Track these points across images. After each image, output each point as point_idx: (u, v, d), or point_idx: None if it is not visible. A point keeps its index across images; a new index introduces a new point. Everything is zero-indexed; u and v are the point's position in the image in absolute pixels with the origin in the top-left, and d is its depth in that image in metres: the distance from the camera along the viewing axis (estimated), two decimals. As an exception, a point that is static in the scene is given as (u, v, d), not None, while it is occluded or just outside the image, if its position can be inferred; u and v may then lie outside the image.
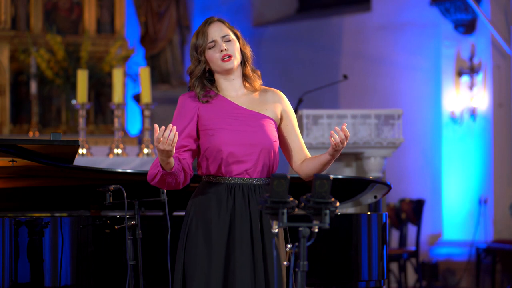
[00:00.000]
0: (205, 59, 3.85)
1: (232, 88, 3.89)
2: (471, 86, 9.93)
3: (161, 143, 3.61)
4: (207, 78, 3.89)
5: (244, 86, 3.91)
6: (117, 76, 8.02)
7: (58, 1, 9.98)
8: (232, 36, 3.86)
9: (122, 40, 9.91)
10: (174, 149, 3.66)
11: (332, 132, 3.72)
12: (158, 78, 10.89)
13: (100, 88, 9.91)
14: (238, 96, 3.88)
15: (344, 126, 3.73)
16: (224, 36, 3.84)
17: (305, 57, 11.58)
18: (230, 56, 3.82)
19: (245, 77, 3.91)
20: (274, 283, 3.71)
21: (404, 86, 10.69)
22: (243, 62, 3.89)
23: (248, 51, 3.91)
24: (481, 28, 9.84)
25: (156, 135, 3.63)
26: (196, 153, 3.87)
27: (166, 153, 3.65)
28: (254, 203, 3.80)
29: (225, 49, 3.82)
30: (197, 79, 3.86)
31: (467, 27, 9.96)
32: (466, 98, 9.97)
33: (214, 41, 3.83)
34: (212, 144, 3.79)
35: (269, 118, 3.86)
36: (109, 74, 9.44)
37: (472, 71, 9.92)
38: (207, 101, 3.84)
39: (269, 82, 4.05)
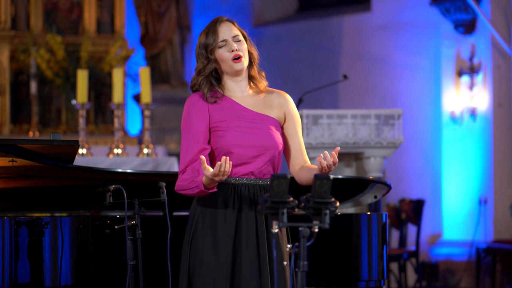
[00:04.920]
0: (215, 58, 3.85)
1: (238, 89, 3.90)
2: (471, 86, 9.93)
3: (219, 177, 3.64)
4: (214, 77, 3.89)
5: (250, 87, 3.92)
6: (117, 76, 8.02)
7: (58, 1, 9.97)
8: (241, 37, 3.87)
9: (122, 40, 9.91)
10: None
11: (321, 155, 3.69)
12: (158, 78, 10.89)
13: (100, 88, 9.91)
14: (244, 97, 3.89)
15: (334, 153, 3.69)
16: (234, 36, 3.85)
17: (305, 57, 11.58)
18: (240, 57, 3.83)
19: (251, 78, 3.92)
20: (275, 283, 3.72)
21: (404, 86, 10.69)
22: (250, 63, 3.90)
23: (255, 52, 3.93)
24: (481, 28, 9.84)
25: (206, 168, 3.61)
26: None
27: (219, 181, 3.69)
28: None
29: (236, 49, 3.82)
30: (205, 77, 3.86)
31: (467, 27, 9.96)
32: (466, 98, 9.97)
33: (225, 40, 3.84)
34: (221, 145, 3.80)
35: (274, 120, 3.88)
36: (109, 74, 9.43)
37: (472, 71, 9.92)
38: (215, 102, 3.85)
39: (269, 82, 4.05)
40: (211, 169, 3.64)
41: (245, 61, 3.86)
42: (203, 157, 3.64)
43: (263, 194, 3.81)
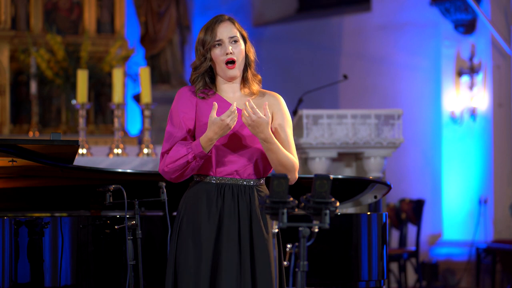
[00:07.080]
0: (210, 56, 3.86)
1: (230, 90, 3.90)
2: (471, 86, 9.93)
3: (231, 116, 3.68)
4: (209, 75, 3.90)
5: (242, 88, 3.91)
6: (117, 76, 8.02)
7: (58, 1, 9.98)
8: (239, 38, 3.86)
9: (122, 40, 9.91)
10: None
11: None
12: (158, 78, 10.88)
13: (100, 88, 9.91)
14: (235, 97, 3.89)
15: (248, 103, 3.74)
16: (231, 37, 3.84)
17: (305, 57, 11.58)
18: (234, 62, 3.82)
19: (243, 80, 3.91)
20: (263, 283, 3.72)
21: (404, 86, 10.69)
22: (245, 66, 3.89)
23: (252, 54, 3.91)
24: (481, 28, 9.84)
25: (214, 116, 3.67)
26: None
27: (229, 128, 3.71)
28: (243, 203, 3.82)
29: (231, 52, 3.82)
30: (199, 75, 3.87)
31: (467, 27, 9.96)
32: (466, 98, 9.97)
33: (220, 40, 3.84)
34: None
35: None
36: (109, 74, 9.43)
37: (472, 71, 9.92)
38: (203, 97, 3.86)
39: (269, 82, 4.05)
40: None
41: (239, 67, 3.85)
42: (215, 103, 3.70)
43: (247, 195, 3.82)
